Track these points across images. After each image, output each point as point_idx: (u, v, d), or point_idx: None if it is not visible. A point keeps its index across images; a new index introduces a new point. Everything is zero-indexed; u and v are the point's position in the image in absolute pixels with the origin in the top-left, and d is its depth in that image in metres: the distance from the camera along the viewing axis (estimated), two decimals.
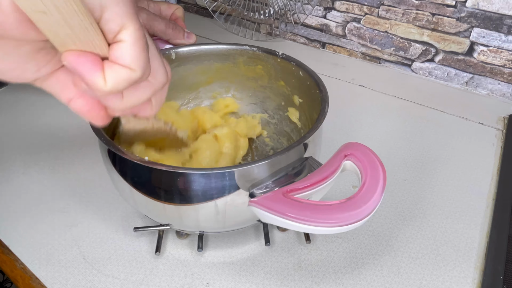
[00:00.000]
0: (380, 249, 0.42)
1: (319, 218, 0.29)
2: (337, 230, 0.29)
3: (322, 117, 0.38)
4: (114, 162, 0.36)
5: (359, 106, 0.65)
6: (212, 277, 0.40)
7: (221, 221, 0.36)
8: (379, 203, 0.31)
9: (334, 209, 0.30)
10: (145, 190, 0.35)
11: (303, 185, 0.32)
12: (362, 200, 0.30)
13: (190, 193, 0.33)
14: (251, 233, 0.44)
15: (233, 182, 0.33)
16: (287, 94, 0.50)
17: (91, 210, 0.46)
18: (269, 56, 0.48)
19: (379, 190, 0.31)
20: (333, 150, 0.40)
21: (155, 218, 0.39)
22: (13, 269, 0.41)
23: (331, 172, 0.33)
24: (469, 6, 0.63)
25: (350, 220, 0.29)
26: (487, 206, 0.47)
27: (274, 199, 0.31)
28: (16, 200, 0.48)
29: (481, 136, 0.58)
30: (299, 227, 0.29)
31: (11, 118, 0.61)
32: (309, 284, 0.39)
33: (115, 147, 0.33)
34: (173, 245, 0.43)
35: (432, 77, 0.72)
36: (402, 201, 0.48)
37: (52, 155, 0.54)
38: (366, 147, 0.35)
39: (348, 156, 0.34)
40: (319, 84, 0.42)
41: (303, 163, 0.36)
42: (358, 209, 0.29)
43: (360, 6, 0.73)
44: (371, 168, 0.33)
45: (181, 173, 0.33)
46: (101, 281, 0.39)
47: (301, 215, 0.29)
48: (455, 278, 0.40)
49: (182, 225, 0.39)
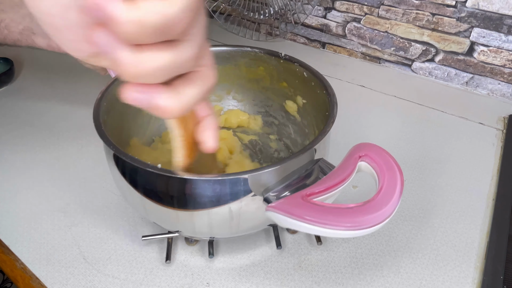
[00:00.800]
0: (380, 249, 0.42)
1: (341, 221, 0.29)
2: (359, 233, 0.29)
3: (332, 120, 0.38)
4: (123, 172, 0.35)
5: (359, 106, 0.65)
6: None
7: (234, 226, 0.35)
8: (397, 205, 0.30)
9: (356, 212, 0.29)
10: (157, 198, 0.34)
11: (321, 189, 0.32)
12: (381, 202, 0.30)
13: (204, 199, 0.33)
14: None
15: (247, 188, 0.32)
16: (289, 95, 0.50)
17: (91, 210, 0.46)
18: (272, 58, 0.48)
19: (397, 192, 0.31)
20: (335, 150, 0.40)
21: (166, 225, 0.39)
22: (13, 269, 0.41)
23: (347, 174, 0.33)
24: (469, 6, 0.63)
25: (371, 223, 0.29)
26: (487, 206, 0.47)
27: (294, 203, 0.30)
28: (16, 200, 0.48)
29: (481, 136, 0.58)
30: (321, 231, 0.29)
31: (11, 118, 0.61)
32: (309, 284, 0.39)
33: (126, 155, 0.33)
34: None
35: (432, 77, 0.72)
36: (402, 201, 0.48)
37: (52, 155, 0.54)
38: (381, 148, 0.34)
39: (363, 157, 0.34)
40: (326, 86, 0.42)
41: (314, 165, 0.36)
42: (378, 212, 0.29)
43: (360, 6, 0.73)
44: (388, 170, 0.32)
45: (195, 180, 0.32)
46: (101, 281, 0.39)
47: (323, 219, 0.29)
48: (455, 278, 0.40)
49: (194, 232, 0.38)
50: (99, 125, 0.36)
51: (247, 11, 0.82)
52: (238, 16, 0.87)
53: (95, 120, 0.36)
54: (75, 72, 0.70)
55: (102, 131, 0.35)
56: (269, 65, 0.49)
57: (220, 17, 0.88)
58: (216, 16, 0.86)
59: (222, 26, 0.88)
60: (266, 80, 0.51)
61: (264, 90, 0.52)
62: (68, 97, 0.65)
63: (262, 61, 0.49)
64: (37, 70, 0.73)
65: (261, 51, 0.48)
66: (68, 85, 0.68)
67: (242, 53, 0.49)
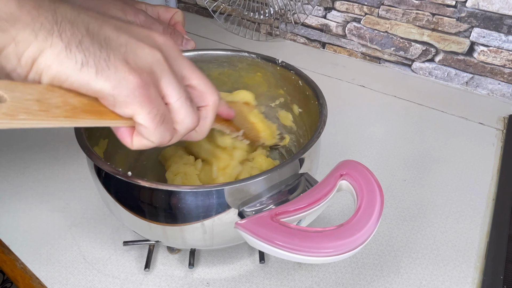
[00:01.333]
0: (380, 249, 0.42)
1: (308, 247, 0.27)
2: (328, 260, 0.27)
3: (318, 133, 0.35)
4: (99, 175, 0.34)
5: (359, 106, 0.65)
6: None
7: (208, 239, 0.34)
8: (375, 230, 0.28)
9: (325, 237, 0.27)
10: (128, 206, 0.33)
11: (295, 207, 0.30)
12: (356, 227, 0.28)
13: (175, 211, 0.31)
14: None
15: (223, 200, 0.31)
16: (286, 104, 0.48)
17: (91, 210, 0.46)
18: (268, 64, 0.46)
19: (375, 216, 0.28)
20: (334, 153, 0.39)
21: (142, 234, 0.37)
22: (13, 269, 0.41)
23: (324, 194, 0.31)
24: (469, 6, 0.63)
25: (342, 250, 0.27)
26: (487, 206, 0.47)
27: (261, 223, 0.28)
28: (16, 200, 0.48)
29: (481, 136, 0.58)
30: (287, 255, 0.27)
31: None
32: (309, 284, 0.39)
33: (98, 160, 0.32)
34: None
35: (432, 77, 0.72)
36: (402, 201, 0.48)
37: (52, 155, 0.54)
38: (363, 166, 0.32)
39: (344, 176, 0.31)
40: (318, 96, 0.40)
41: (298, 179, 0.34)
42: (350, 238, 0.27)
43: (360, 6, 0.73)
44: (367, 191, 0.30)
45: (164, 191, 0.31)
46: (101, 281, 0.39)
47: (288, 243, 0.27)
48: (455, 278, 0.40)
49: (169, 243, 0.37)
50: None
51: (247, 11, 0.82)
52: (238, 16, 0.87)
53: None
54: None
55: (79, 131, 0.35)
56: (266, 72, 0.47)
57: (220, 17, 0.88)
58: (216, 16, 0.86)
59: (222, 26, 0.88)
60: (263, 86, 0.49)
61: (262, 96, 0.50)
62: None
63: (259, 67, 0.47)
64: None
65: (257, 57, 0.46)
66: None
67: (239, 58, 0.47)
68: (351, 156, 0.54)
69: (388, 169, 0.52)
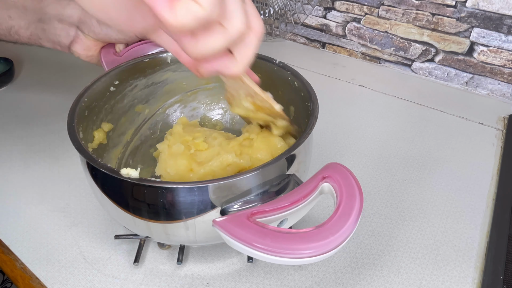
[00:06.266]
0: (380, 249, 0.42)
1: (279, 248, 0.26)
2: (300, 261, 0.26)
3: (306, 134, 0.34)
4: (89, 170, 0.35)
5: (359, 106, 0.65)
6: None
7: (191, 236, 0.34)
8: (352, 232, 0.27)
9: (298, 239, 0.26)
10: (116, 200, 0.34)
11: (272, 208, 0.29)
12: (332, 229, 0.27)
13: (158, 207, 0.31)
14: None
15: (206, 198, 0.31)
16: (283, 105, 0.48)
17: (91, 210, 0.46)
18: (266, 64, 0.46)
19: (352, 220, 0.28)
20: (334, 153, 0.39)
21: (130, 229, 0.38)
22: (13, 269, 0.41)
23: (304, 196, 0.30)
24: (469, 6, 0.63)
25: (314, 253, 0.26)
26: (487, 206, 0.47)
27: (236, 221, 0.28)
28: (16, 200, 0.48)
29: (481, 136, 0.58)
30: (259, 255, 0.26)
31: (11, 117, 0.61)
32: (309, 284, 0.39)
33: (86, 154, 0.32)
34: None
35: (432, 77, 0.72)
36: (402, 201, 0.48)
37: (52, 154, 0.54)
38: (346, 169, 0.32)
39: (327, 178, 0.31)
40: (312, 99, 0.40)
41: (285, 179, 0.33)
42: (324, 240, 0.26)
43: (360, 6, 0.73)
44: (347, 195, 0.29)
45: (147, 186, 0.30)
46: (101, 281, 0.39)
47: (259, 243, 0.26)
48: (455, 278, 0.40)
49: (156, 238, 0.37)
50: (71, 122, 0.36)
51: None
52: None
53: (69, 119, 0.38)
54: (74, 72, 0.70)
55: (72, 126, 0.36)
56: (265, 72, 0.46)
57: None
58: None
59: None
60: (262, 87, 0.49)
61: None
62: (68, 97, 0.65)
63: (258, 67, 0.46)
64: (37, 70, 0.73)
65: (256, 57, 0.46)
66: (68, 85, 0.68)
67: None
68: (351, 156, 0.54)
69: (388, 169, 0.52)
